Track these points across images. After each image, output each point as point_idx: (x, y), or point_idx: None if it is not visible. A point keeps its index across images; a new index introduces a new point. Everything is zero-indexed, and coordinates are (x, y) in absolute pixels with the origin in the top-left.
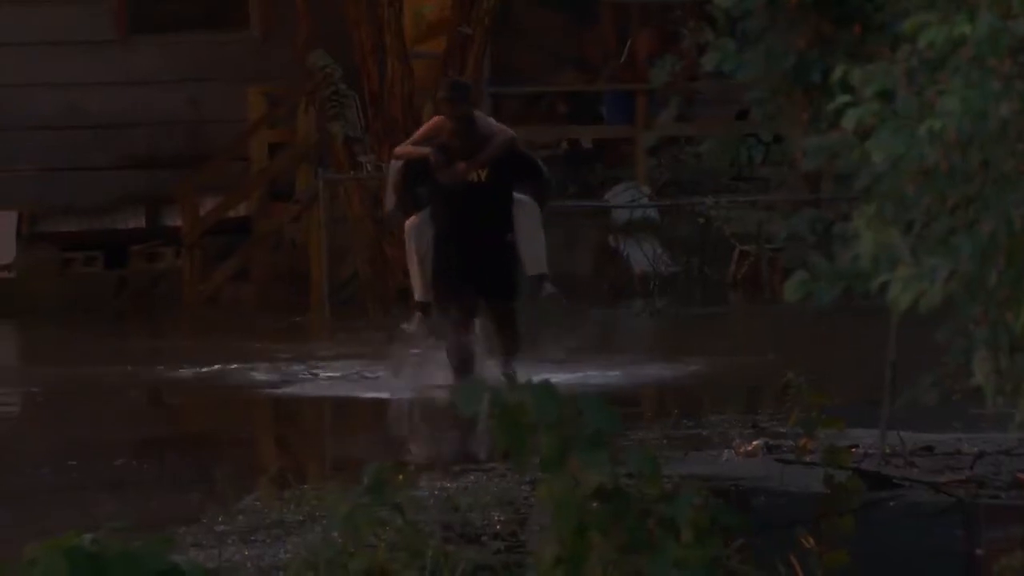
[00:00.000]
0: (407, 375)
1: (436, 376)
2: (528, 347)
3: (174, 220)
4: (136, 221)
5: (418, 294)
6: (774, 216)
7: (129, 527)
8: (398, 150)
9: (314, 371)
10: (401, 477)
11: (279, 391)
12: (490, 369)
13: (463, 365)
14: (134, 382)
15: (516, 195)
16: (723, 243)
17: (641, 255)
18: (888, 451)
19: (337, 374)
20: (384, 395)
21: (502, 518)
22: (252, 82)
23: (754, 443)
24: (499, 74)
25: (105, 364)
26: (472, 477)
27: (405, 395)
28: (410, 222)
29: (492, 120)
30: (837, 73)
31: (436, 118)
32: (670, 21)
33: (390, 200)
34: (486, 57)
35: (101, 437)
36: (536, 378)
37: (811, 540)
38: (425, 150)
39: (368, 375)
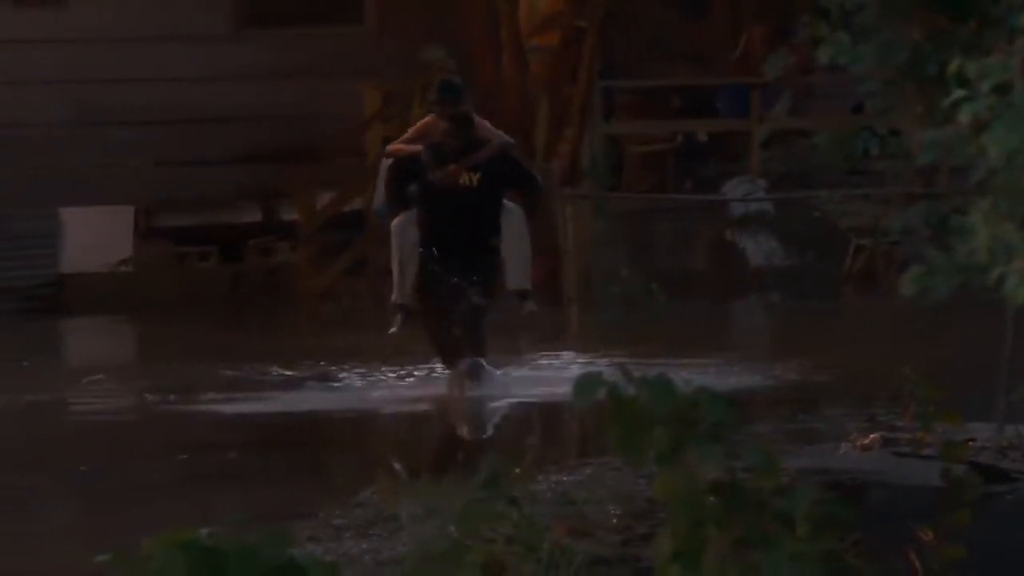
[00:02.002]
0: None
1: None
2: (642, 341)
3: (290, 215)
4: (251, 216)
5: (396, 295)
6: (889, 210)
7: (246, 521)
8: (389, 148)
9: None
10: (517, 471)
11: (395, 386)
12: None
13: (449, 352)
14: (248, 377)
15: (506, 203)
16: (838, 237)
17: (756, 249)
18: (1005, 444)
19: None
20: (503, 391)
21: (618, 512)
22: (367, 77)
23: (871, 437)
24: (613, 68)
25: (219, 359)
26: (588, 471)
27: (526, 390)
28: (396, 221)
29: (488, 124)
30: (953, 67)
31: (429, 117)
32: (783, 14)
33: (378, 198)
34: (600, 51)
35: (217, 432)
36: (651, 372)
37: (928, 534)
38: (416, 148)
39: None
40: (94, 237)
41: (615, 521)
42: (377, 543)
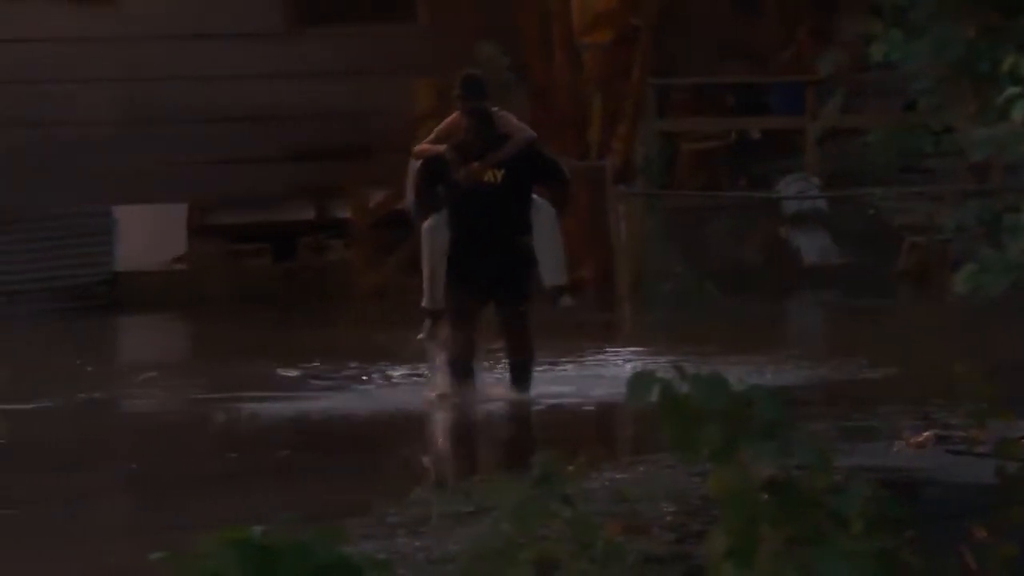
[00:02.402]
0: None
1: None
2: (695, 338)
3: (343, 212)
4: (304, 213)
5: (425, 300)
6: (942, 207)
7: (299, 519)
8: (416, 149)
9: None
10: (571, 469)
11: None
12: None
13: (460, 365)
14: (300, 375)
15: (535, 199)
16: (892, 234)
17: (810, 246)
18: None
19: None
20: (562, 388)
21: (672, 510)
22: (420, 74)
23: (924, 434)
24: (666, 65)
25: (272, 357)
26: (642, 469)
27: (580, 388)
28: (427, 224)
29: (513, 118)
30: (1006, 64)
31: (455, 115)
32: (836, 12)
33: (408, 201)
34: (653, 48)
35: (269, 431)
36: (705, 370)
37: (982, 532)
38: (440, 148)
39: (546, 368)
40: (148, 235)
41: (669, 519)
42: (430, 541)
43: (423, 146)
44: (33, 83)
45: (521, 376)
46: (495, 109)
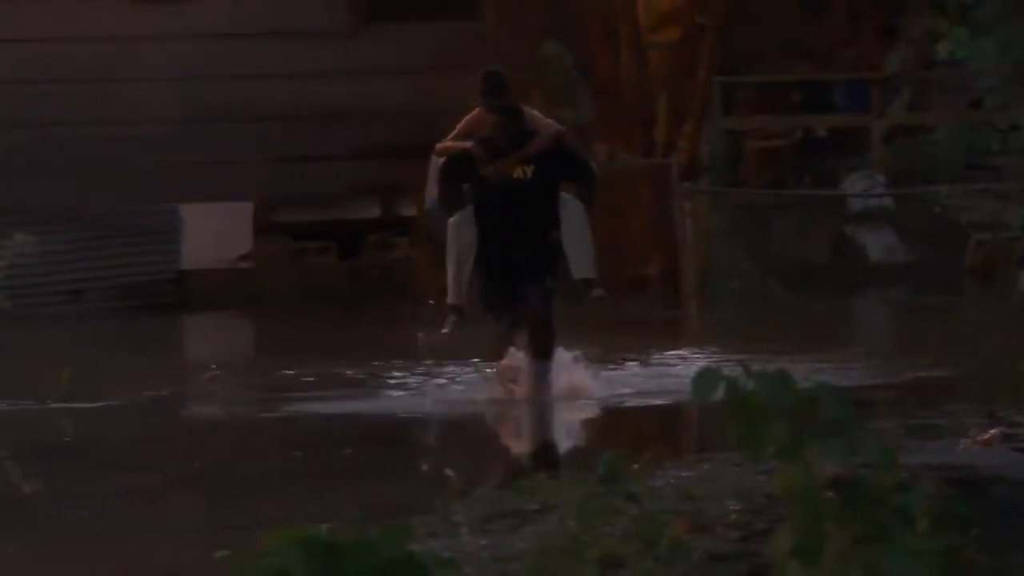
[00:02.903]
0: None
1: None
2: (761, 336)
3: (408, 210)
4: (370, 211)
5: (451, 296)
6: (1009, 205)
7: (364, 517)
8: (439, 146)
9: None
10: (636, 467)
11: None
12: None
13: (506, 346)
14: (365, 373)
15: (563, 194)
16: (958, 232)
17: (876, 244)
18: None
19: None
20: (627, 386)
21: (737, 508)
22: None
23: (990, 432)
24: (732, 63)
25: (337, 355)
26: (707, 467)
27: (645, 385)
28: (452, 220)
29: (538, 114)
30: None
31: (476, 111)
32: (902, 9)
33: (430, 198)
34: (719, 46)
35: (334, 429)
36: (770, 368)
37: None
38: (466, 144)
39: (611, 366)
40: (214, 233)
41: (734, 517)
42: (496, 539)
43: (446, 143)
44: (100, 82)
45: (543, 357)
46: (522, 106)
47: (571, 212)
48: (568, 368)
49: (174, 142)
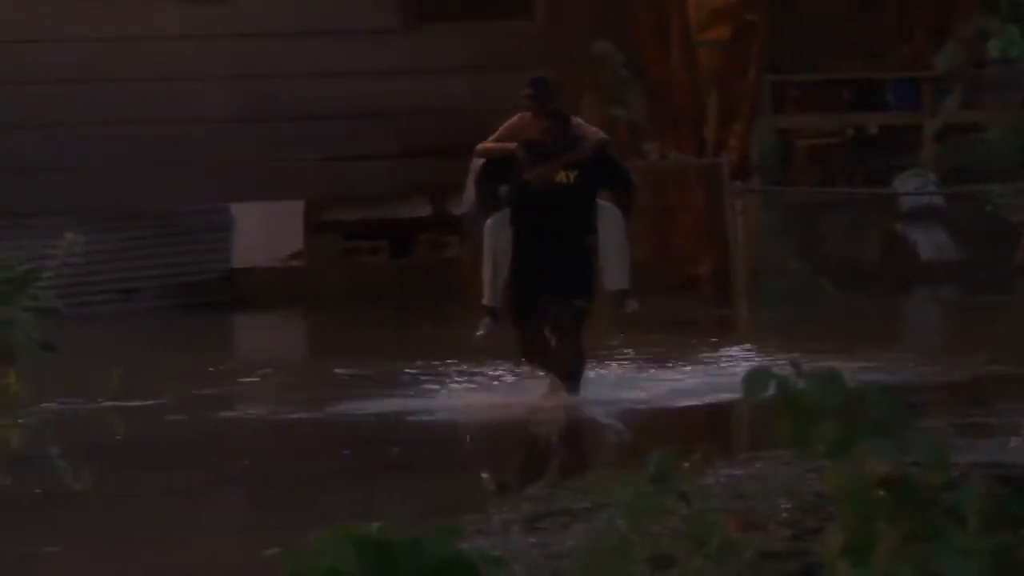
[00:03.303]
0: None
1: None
2: (811, 335)
3: (459, 209)
4: (421, 210)
5: (487, 298)
6: None
7: (414, 516)
8: (480, 147)
9: (605, 361)
10: (686, 466)
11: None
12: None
13: (532, 362)
14: (415, 372)
15: (601, 203)
16: (1009, 230)
17: (927, 243)
18: None
19: (621, 364)
20: (678, 384)
21: (788, 506)
22: (535, 70)
23: None
24: (783, 62)
25: (387, 354)
26: (758, 465)
27: (698, 386)
28: (489, 222)
29: (583, 121)
30: None
31: (519, 115)
32: (953, 8)
33: (468, 199)
34: (770, 45)
35: (382, 427)
36: (821, 366)
37: None
38: (509, 146)
39: (670, 367)
40: (265, 232)
41: (785, 515)
42: (546, 537)
43: (487, 144)
44: (151, 82)
45: (570, 378)
46: (567, 112)
47: (609, 221)
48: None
49: (225, 141)
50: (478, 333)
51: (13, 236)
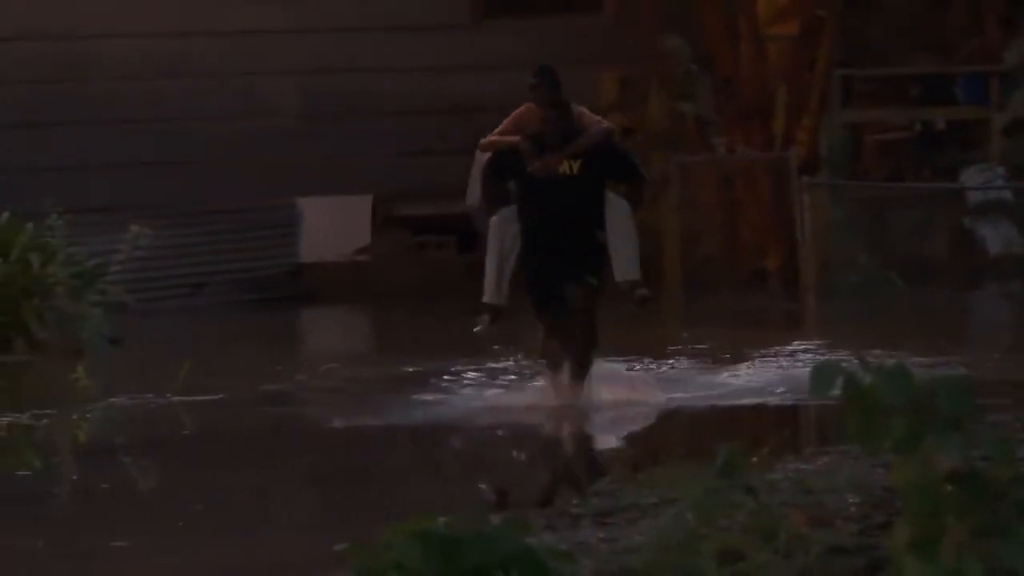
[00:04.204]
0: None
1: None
2: (880, 329)
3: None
4: None
5: (487, 295)
6: None
7: (483, 510)
8: (483, 141)
9: (667, 357)
10: (755, 460)
11: (640, 377)
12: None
13: (551, 360)
14: (481, 366)
15: (609, 194)
16: None
17: (995, 237)
18: None
19: (688, 359)
20: (746, 379)
21: (856, 501)
22: (604, 65)
23: None
24: (851, 56)
25: (453, 349)
26: (826, 460)
27: (767, 380)
28: (495, 218)
29: (587, 111)
30: None
31: (524, 106)
32: (1023, 1)
33: (473, 193)
34: (838, 39)
35: (451, 421)
36: (889, 361)
37: None
38: (513, 139)
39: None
40: (332, 227)
41: (853, 510)
42: (614, 531)
43: (491, 138)
44: (219, 77)
45: (577, 373)
46: (571, 102)
47: (617, 211)
48: (626, 378)
49: (293, 136)
50: (475, 330)
51: (82, 232)
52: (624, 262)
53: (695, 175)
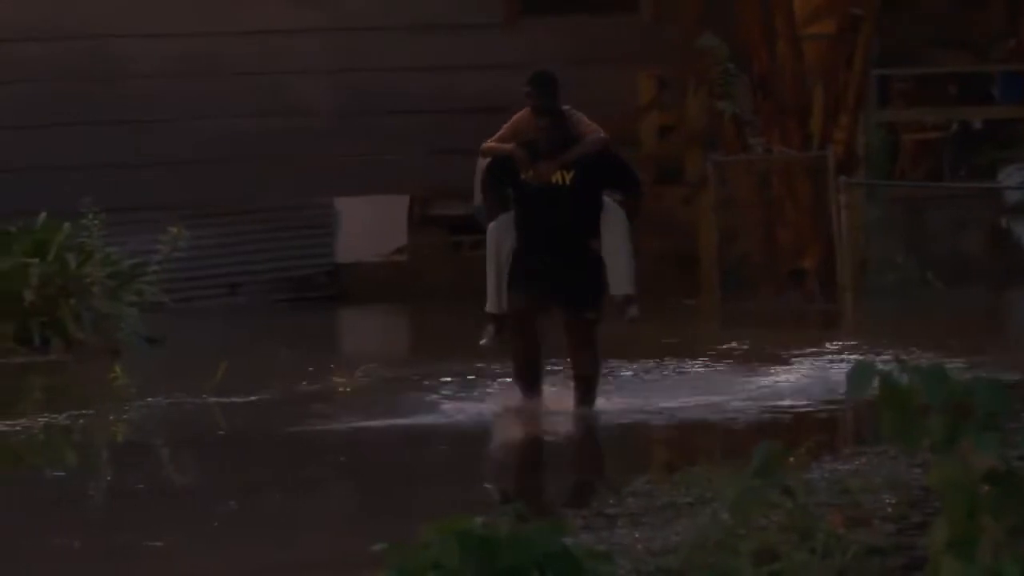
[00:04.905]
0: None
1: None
2: (917, 329)
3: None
4: None
5: (490, 305)
6: None
7: (520, 510)
8: (484, 146)
9: (706, 356)
10: (791, 460)
11: (680, 374)
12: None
13: (525, 375)
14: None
15: (607, 202)
16: None
17: None
18: None
19: (725, 359)
20: (784, 378)
21: (893, 501)
22: (641, 64)
23: None
24: (888, 55)
25: (489, 351)
26: (863, 459)
27: (804, 380)
28: (492, 225)
29: (586, 119)
30: None
31: (522, 112)
32: None
33: (479, 196)
34: (875, 38)
35: (487, 422)
36: (926, 361)
37: None
38: (508, 146)
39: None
40: (369, 226)
41: (890, 510)
42: (650, 532)
43: (490, 143)
44: (254, 76)
45: (584, 391)
46: (568, 108)
47: (612, 221)
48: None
49: (329, 136)
50: (481, 342)
51: (120, 232)
52: (618, 274)
53: (732, 174)
